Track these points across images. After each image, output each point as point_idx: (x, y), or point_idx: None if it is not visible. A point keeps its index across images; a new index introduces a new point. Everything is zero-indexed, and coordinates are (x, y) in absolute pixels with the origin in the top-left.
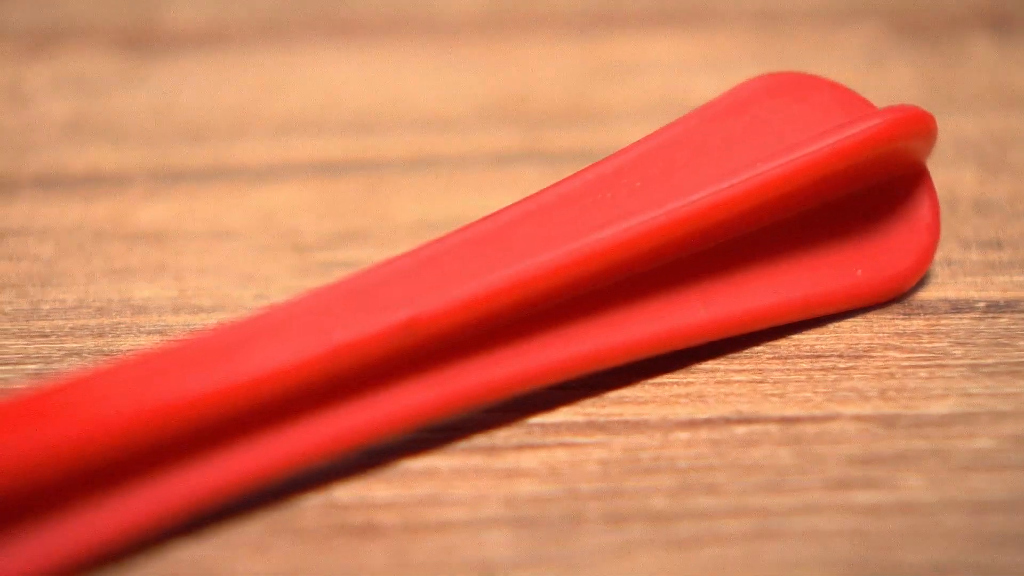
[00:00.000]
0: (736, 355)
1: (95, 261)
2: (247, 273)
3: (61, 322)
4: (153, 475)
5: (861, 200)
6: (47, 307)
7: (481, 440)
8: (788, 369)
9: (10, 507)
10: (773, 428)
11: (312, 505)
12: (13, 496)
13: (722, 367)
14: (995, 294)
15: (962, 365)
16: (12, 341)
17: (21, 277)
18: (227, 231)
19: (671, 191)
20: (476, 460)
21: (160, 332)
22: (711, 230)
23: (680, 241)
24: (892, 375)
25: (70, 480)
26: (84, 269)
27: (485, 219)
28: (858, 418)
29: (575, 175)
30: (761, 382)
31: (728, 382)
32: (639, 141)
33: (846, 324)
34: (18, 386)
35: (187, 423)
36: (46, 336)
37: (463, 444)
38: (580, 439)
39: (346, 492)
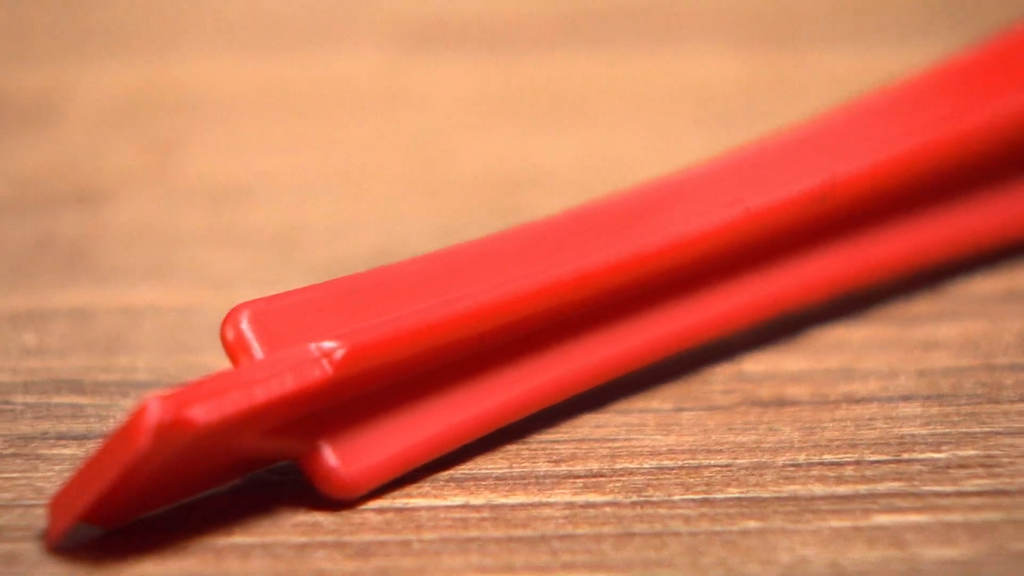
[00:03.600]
0: None
1: (498, 119)
2: (658, 135)
3: (461, 180)
4: (562, 344)
5: None
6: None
7: (895, 310)
8: None
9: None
10: None
11: (721, 377)
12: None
13: None
14: None
15: None
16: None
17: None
18: (641, 93)
19: None
20: (890, 331)
21: (564, 194)
22: None
23: None
24: None
25: (478, 349)
26: (487, 123)
27: (901, 81)
28: None
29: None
30: None
31: None
32: None
33: None
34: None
35: (595, 291)
36: (452, 196)
37: (877, 314)
38: (998, 308)
39: (756, 364)
